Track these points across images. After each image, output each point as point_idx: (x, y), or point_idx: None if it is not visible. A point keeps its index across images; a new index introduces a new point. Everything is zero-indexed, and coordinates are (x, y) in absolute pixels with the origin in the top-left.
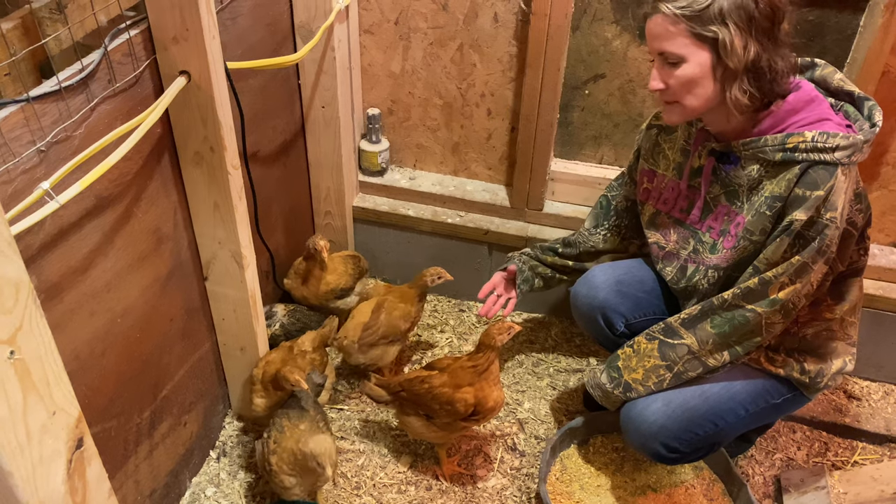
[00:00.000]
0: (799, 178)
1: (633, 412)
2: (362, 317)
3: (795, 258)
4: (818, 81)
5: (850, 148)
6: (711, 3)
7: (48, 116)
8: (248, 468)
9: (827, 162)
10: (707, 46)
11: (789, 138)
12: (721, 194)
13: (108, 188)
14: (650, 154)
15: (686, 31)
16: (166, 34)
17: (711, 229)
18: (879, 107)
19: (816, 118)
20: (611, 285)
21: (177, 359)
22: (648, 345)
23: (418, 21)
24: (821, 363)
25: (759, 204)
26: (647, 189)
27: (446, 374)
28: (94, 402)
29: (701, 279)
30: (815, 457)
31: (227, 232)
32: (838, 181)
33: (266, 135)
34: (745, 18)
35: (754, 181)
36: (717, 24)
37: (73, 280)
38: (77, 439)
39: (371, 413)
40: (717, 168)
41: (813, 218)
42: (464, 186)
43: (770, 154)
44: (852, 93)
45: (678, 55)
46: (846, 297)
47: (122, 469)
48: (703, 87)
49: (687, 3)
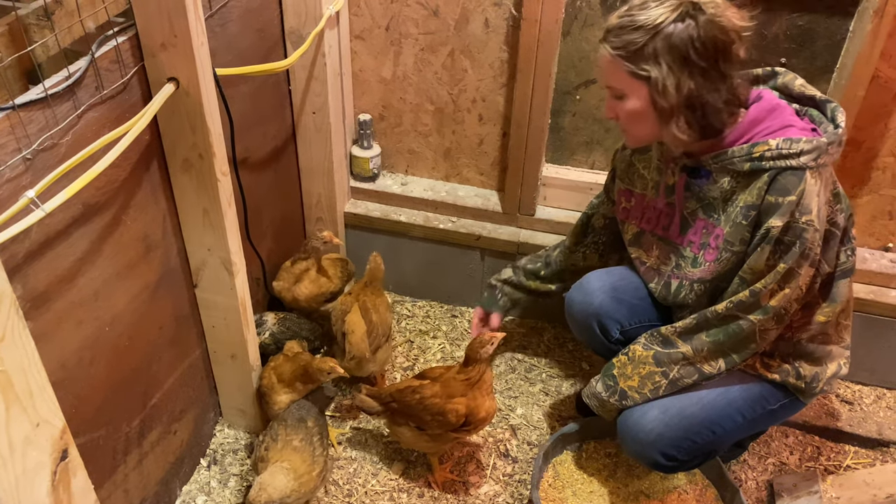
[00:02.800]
0: (769, 185)
1: (630, 421)
2: (360, 328)
3: (780, 265)
4: (781, 89)
5: (814, 151)
6: (646, 44)
7: (34, 124)
8: (239, 476)
9: (794, 167)
10: (644, 84)
11: (755, 148)
12: (698, 208)
13: (96, 196)
14: (625, 174)
15: (625, 69)
16: (154, 41)
17: (692, 244)
18: (842, 108)
19: (780, 126)
20: (606, 292)
21: (166, 367)
22: (643, 352)
23: (409, 27)
24: (816, 368)
25: (735, 214)
26: (626, 209)
27: (438, 384)
28: (81, 412)
29: (687, 294)
30: (808, 461)
31: (217, 239)
32: (808, 185)
33: (256, 141)
34: (679, 59)
35: (727, 193)
36: (650, 64)
37: (61, 289)
38: (62, 451)
39: (363, 420)
40: (691, 183)
41: (789, 223)
42: (456, 192)
43: (738, 165)
44: (814, 97)
45: (620, 90)
46: (837, 299)
47: (110, 478)
48: (645, 120)
49: (623, 45)
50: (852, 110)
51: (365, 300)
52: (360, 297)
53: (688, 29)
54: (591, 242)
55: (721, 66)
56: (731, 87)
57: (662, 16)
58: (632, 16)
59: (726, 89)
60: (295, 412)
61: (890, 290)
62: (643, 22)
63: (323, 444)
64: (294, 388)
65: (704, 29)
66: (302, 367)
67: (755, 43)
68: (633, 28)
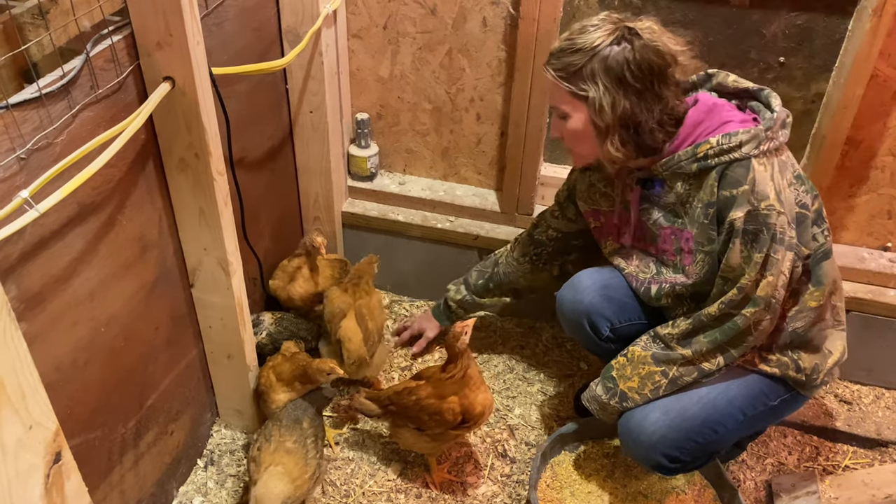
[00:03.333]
0: (719, 181)
1: (632, 423)
2: (357, 335)
3: (756, 255)
4: (717, 89)
5: (753, 140)
6: (584, 65)
7: (28, 123)
8: (236, 476)
9: (738, 159)
10: (583, 103)
11: (698, 148)
12: (660, 217)
13: (91, 195)
14: (587, 196)
15: (566, 90)
16: (150, 40)
17: (665, 252)
18: (775, 93)
19: (718, 123)
20: (596, 289)
21: (163, 367)
22: (642, 353)
23: (407, 25)
24: (815, 357)
25: (697, 215)
26: (598, 227)
27: (430, 384)
28: (76, 413)
29: (668, 297)
30: (807, 461)
31: (213, 238)
32: (758, 172)
33: (253, 140)
34: (615, 79)
35: (683, 196)
36: (588, 84)
37: (55, 289)
38: (55, 453)
39: (361, 420)
40: (647, 194)
41: (750, 212)
42: (453, 191)
43: (686, 167)
44: (747, 88)
45: (563, 111)
46: (824, 281)
47: (106, 480)
48: (587, 140)
49: (563, 66)
50: (851, 109)
51: (360, 304)
52: (355, 297)
53: (623, 52)
54: (534, 254)
55: (656, 87)
56: (665, 108)
57: (599, 39)
58: (572, 40)
59: (660, 110)
60: (291, 412)
61: (888, 290)
62: (581, 45)
63: (317, 447)
64: (293, 387)
65: (640, 52)
66: (301, 367)
67: (754, 42)
68: (572, 51)
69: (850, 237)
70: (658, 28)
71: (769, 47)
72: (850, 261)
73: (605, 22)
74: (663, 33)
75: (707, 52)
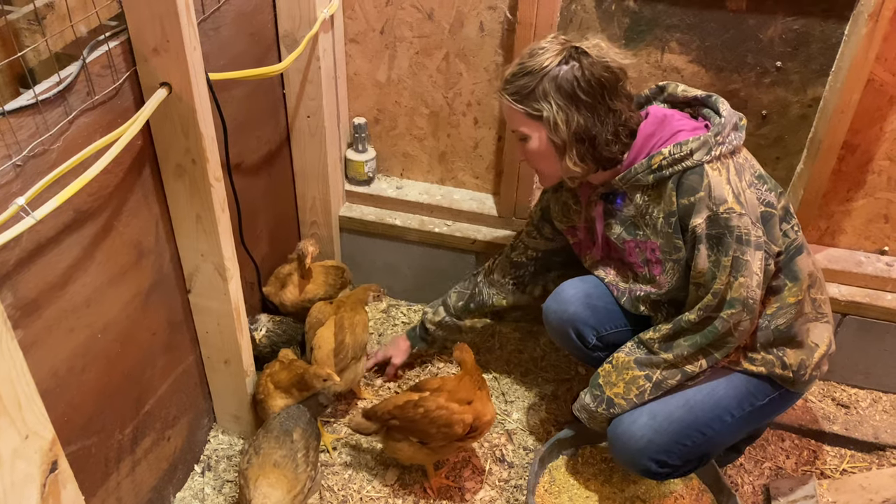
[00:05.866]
0: (676, 190)
1: (620, 429)
2: (328, 344)
3: (724, 259)
4: (670, 101)
5: (704, 146)
6: (536, 86)
7: (24, 130)
8: (233, 482)
9: (691, 167)
10: (541, 123)
11: (652, 160)
12: (622, 231)
13: (88, 202)
14: (562, 215)
15: (521, 111)
16: (146, 45)
17: (634, 265)
18: (722, 98)
19: (670, 134)
20: (580, 299)
21: (160, 373)
22: (626, 358)
23: (404, 30)
24: (801, 353)
25: (660, 225)
26: (577, 243)
27: (443, 394)
28: (73, 420)
29: (645, 305)
30: (804, 465)
31: (210, 244)
32: (712, 178)
33: (250, 145)
34: (567, 96)
35: (642, 208)
36: (542, 103)
37: (52, 296)
38: (51, 462)
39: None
40: (609, 209)
41: (710, 217)
42: (451, 195)
43: (643, 179)
44: (696, 97)
45: (522, 132)
46: (800, 276)
47: (103, 486)
48: (548, 158)
49: (517, 90)
50: (848, 113)
51: (343, 316)
52: (339, 310)
53: (572, 70)
54: (518, 275)
55: (608, 100)
56: (619, 120)
57: (548, 60)
58: (522, 64)
59: (614, 122)
60: (283, 422)
61: (885, 294)
62: (532, 67)
63: (307, 461)
64: (290, 394)
65: (589, 69)
66: (299, 374)
67: (751, 47)
68: (523, 74)
69: (847, 241)
70: (605, 45)
71: (766, 52)
72: (848, 264)
73: (553, 43)
74: (610, 49)
75: (704, 57)
